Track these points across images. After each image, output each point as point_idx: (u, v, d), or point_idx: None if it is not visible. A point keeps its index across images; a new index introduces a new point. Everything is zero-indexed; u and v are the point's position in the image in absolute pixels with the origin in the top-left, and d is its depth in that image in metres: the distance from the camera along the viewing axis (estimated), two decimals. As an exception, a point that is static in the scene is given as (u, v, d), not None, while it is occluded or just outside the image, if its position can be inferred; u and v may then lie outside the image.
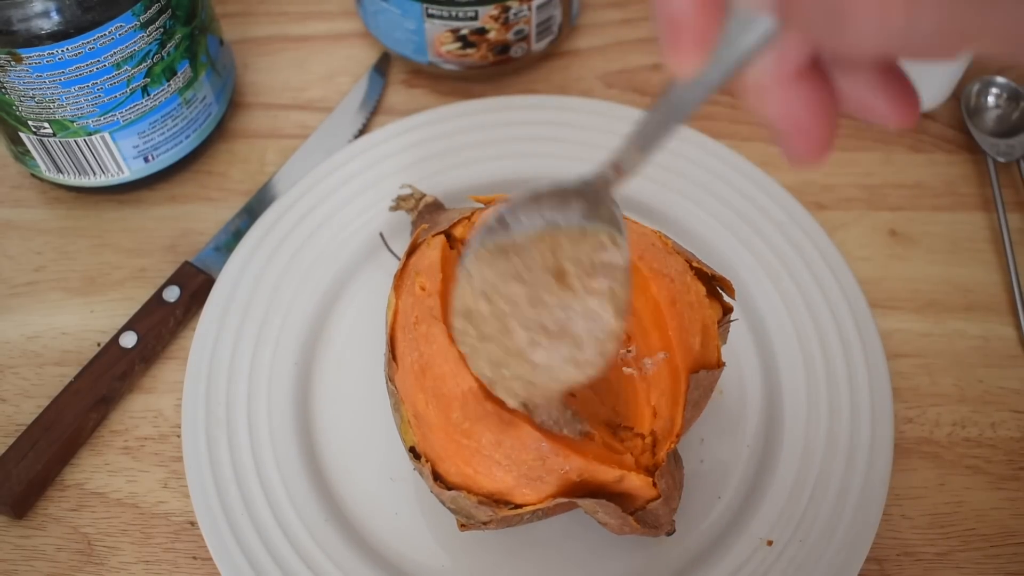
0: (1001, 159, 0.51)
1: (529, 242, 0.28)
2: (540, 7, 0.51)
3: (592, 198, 0.28)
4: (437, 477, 0.34)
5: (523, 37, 0.52)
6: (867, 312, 0.44)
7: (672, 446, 0.34)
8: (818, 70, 0.23)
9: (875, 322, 0.44)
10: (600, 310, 0.28)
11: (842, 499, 0.39)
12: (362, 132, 0.53)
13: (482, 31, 0.51)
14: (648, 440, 0.34)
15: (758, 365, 0.44)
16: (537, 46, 0.53)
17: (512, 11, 0.50)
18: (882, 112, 0.24)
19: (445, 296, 0.36)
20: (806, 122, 0.23)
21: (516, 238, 0.28)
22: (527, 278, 0.28)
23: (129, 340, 0.44)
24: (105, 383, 0.43)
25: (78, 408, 0.42)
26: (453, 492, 0.34)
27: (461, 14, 0.50)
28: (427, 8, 0.50)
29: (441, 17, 0.50)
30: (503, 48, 0.52)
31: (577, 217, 0.28)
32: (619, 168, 0.26)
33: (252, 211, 0.50)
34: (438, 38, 0.51)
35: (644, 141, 0.25)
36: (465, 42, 0.51)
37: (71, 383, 0.43)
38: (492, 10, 0.49)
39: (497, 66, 0.53)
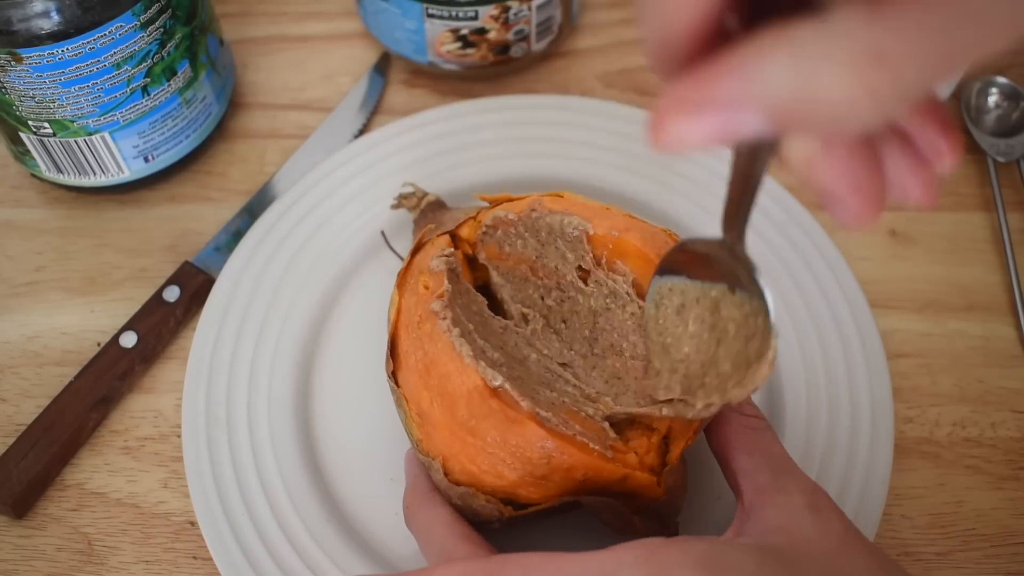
0: (1001, 159, 0.51)
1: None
2: (540, 7, 0.51)
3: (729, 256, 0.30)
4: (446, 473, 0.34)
5: (523, 37, 0.52)
6: (867, 312, 0.44)
7: (689, 443, 0.34)
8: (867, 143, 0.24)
9: (875, 322, 0.44)
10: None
11: (842, 499, 0.39)
12: (362, 132, 0.53)
13: (482, 31, 0.51)
14: (655, 440, 0.34)
15: (758, 365, 0.44)
16: (537, 46, 0.53)
17: (512, 11, 0.50)
18: (904, 183, 0.25)
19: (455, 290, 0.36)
20: (860, 182, 0.24)
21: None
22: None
23: (129, 340, 0.44)
24: (105, 383, 0.43)
25: (78, 408, 0.42)
26: (463, 488, 0.34)
27: (461, 14, 0.50)
28: (427, 8, 0.50)
29: (441, 17, 0.50)
30: (503, 48, 0.52)
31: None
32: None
33: (252, 211, 0.50)
34: (438, 38, 0.51)
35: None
36: (465, 42, 0.51)
37: (71, 383, 0.43)
38: (492, 10, 0.49)
39: (497, 66, 0.53)
